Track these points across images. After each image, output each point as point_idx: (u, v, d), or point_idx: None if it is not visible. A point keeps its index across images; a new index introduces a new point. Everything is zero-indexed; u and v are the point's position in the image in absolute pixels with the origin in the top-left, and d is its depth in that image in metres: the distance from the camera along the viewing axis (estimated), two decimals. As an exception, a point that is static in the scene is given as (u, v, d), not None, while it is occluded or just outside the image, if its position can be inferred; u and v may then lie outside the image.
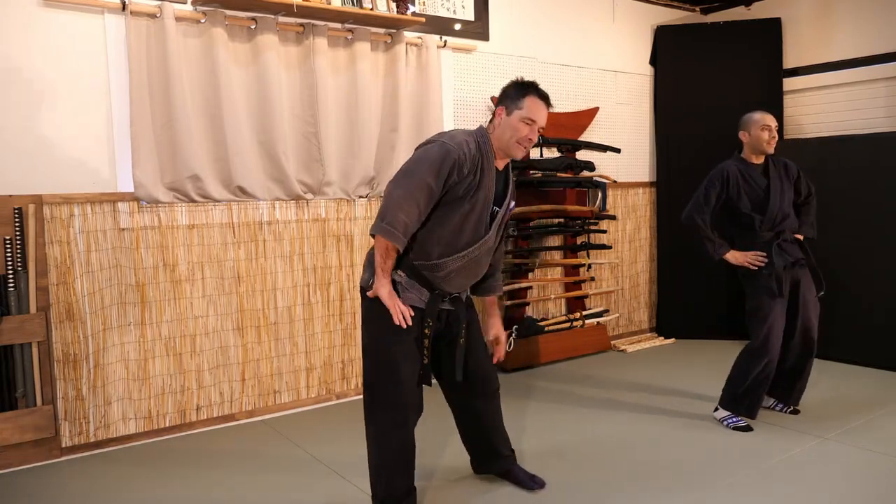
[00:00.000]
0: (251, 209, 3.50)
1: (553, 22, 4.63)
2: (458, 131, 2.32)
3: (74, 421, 3.06)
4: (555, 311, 4.77)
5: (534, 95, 2.28)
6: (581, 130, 4.74)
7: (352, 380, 3.87)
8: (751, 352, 3.20)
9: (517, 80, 2.35)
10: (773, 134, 3.23)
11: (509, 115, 2.28)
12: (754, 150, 3.28)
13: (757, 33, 5.02)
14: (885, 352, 4.20)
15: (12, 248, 2.89)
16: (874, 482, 2.65)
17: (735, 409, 3.25)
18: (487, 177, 2.27)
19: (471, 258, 2.31)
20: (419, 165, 2.18)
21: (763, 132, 3.22)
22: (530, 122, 2.26)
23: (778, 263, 3.16)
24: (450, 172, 2.17)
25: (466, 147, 2.22)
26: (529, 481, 2.63)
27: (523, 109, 2.26)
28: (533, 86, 2.30)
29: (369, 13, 3.53)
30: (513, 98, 2.29)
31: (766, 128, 3.22)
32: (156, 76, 3.16)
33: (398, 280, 2.31)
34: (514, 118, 2.27)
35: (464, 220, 2.26)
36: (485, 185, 2.27)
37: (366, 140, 3.73)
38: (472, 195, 2.24)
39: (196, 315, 3.37)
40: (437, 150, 2.19)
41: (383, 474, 2.37)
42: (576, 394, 3.85)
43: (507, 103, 2.30)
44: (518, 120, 2.26)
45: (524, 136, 2.27)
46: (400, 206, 2.14)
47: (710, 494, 2.58)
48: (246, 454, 3.07)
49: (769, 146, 3.24)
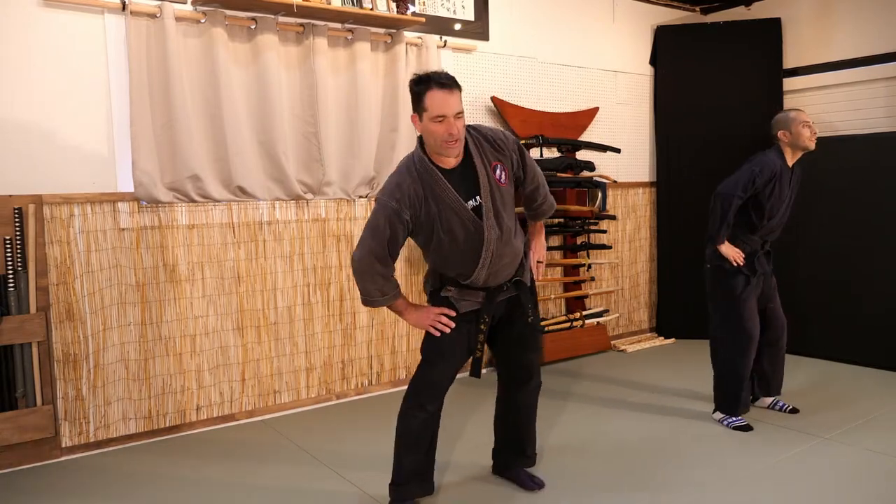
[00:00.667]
0: (251, 209, 3.50)
1: (553, 22, 4.63)
2: (394, 174, 2.28)
3: (74, 421, 3.06)
4: (555, 311, 4.77)
5: (432, 89, 2.13)
6: (581, 130, 4.74)
7: (352, 380, 3.87)
8: (738, 347, 3.21)
9: (414, 77, 2.20)
10: (814, 130, 3.17)
11: (421, 120, 2.18)
12: (796, 148, 3.18)
13: (757, 33, 5.02)
14: (885, 352, 4.19)
15: (12, 248, 2.89)
16: (874, 482, 2.65)
17: (733, 409, 3.25)
18: (441, 196, 2.22)
19: (491, 260, 2.30)
20: (365, 232, 2.28)
21: (805, 129, 3.14)
22: (441, 119, 2.12)
23: (758, 271, 3.22)
24: (390, 227, 2.21)
25: (398, 192, 2.20)
26: (529, 481, 2.63)
27: (429, 109, 2.13)
28: (427, 78, 2.15)
29: (369, 13, 3.53)
30: (416, 100, 2.18)
31: (807, 124, 3.15)
32: (156, 76, 3.16)
33: (450, 296, 2.37)
34: (426, 122, 2.16)
35: (452, 243, 2.28)
36: (444, 206, 2.22)
37: (366, 140, 3.73)
38: (440, 223, 2.23)
39: (196, 315, 3.37)
40: (374, 211, 2.26)
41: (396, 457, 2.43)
42: (576, 394, 3.85)
43: (416, 108, 2.20)
44: (429, 121, 2.14)
45: (445, 134, 2.14)
46: (363, 279, 2.29)
47: (709, 494, 2.58)
48: (246, 454, 3.07)
49: (811, 142, 3.17)
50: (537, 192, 2.51)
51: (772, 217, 3.20)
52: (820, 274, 4.49)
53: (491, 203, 2.26)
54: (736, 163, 5.01)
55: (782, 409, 3.43)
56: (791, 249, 4.50)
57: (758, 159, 3.19)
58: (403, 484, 2.42)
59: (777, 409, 3.44)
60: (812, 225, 4.49)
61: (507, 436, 2.68)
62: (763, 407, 3.48)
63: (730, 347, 3.24)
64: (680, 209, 5.15)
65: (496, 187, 2.29)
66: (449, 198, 2.22)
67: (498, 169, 2.30)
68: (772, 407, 3.46)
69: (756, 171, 3.13)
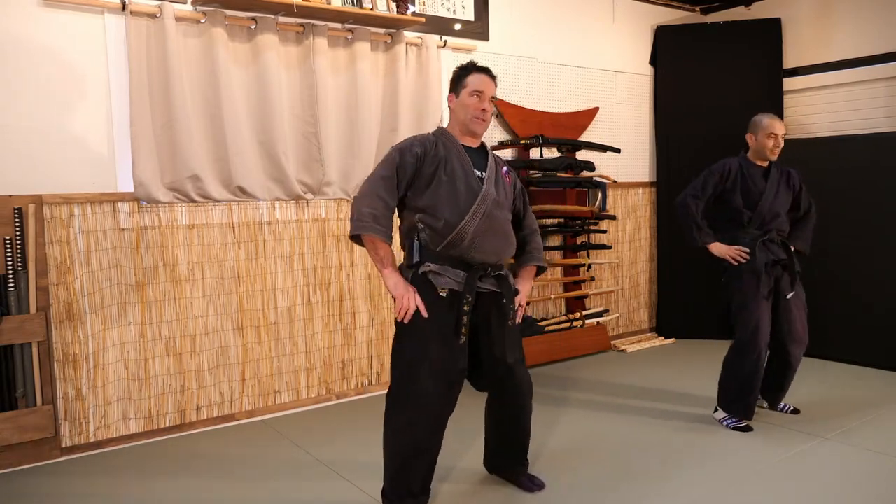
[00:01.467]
0: (251, 209, 3.50)
1: (553, 22, 4.63)
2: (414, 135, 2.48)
3: (74, 421, 3.06)
4: (555, 311, 4.77)
5: (474, 72, 2.42)
6: (581, 130, 4.74)
7: (352, 380, 3.87)
8: (739, 350, 3.20)
9: (459, 66, 2.49)
10: (777, 142, 3.23)
11: (458, 96, 2.43)
12: (758, 155, 3.29)
13: (757, 33, 5.02)
14: (885, 352, 4.20)
15: (12, 248, 2.89)
16: (874, 482, 2.65)
17: (732, 411, 3.25)
18: (454, 152, 2.38)
19: (480, 214, 2.30)
20: (375, 169, 2.36)
21: (768, 140, 3.22)
22: (478, 94, 2.38)
23: (760, 259, 3.16)
24: (401, 157, 2.31)
25: (417, 139, 2.39)
26: (529, 483, 2.63)
27: (469, 86, 2.40)
28: (472, 64, 2.46)
29: (369, 13, 3.53)
30: (457, 81, 2.45)
31: (773, 136, 3.22)
32: (156, 76, 3.16)
33: (428, 270, 2.31)
34: (463, 96, 2.41)
35: (450, 185, 2.33)
36: (453, 156, 2.37)
37: (366, 140, 3.73)
38: (444, 165, 2.35)
39: (196, 315, 3.37)
40: (388, 152, 2.38)
41: (387, 470, 2.39)
42: (576, 394, 3.85)
43: (454, 88, 2.46)
44: (467, 95, 2.40)
45: (477, 109, 2.39)
46: (361, 201, 2.28)
47: (709, 494, 2.58)
48: (246, 454, 3.07)
49: (772, 154, 3.25)
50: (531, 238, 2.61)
51: (753, 206, 3.21)
52: (820, 274, 4.49)
53: (493, 178, 2.42)
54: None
55: (784, 409, 3.43)
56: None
57: (713, 165, 3.34)
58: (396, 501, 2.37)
59: (778, 409, 3.44)
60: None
61: (500, 442, 2.67)
62: (763, 407, 3.48)
63: (735, 348, 3.24)
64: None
65: (500, 179, 2.46)
66: (460, 156, 2.39)
67: (504, 168, 2.54)
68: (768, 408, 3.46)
69: (706, 173, 3.31)
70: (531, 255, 2.60)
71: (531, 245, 2.61)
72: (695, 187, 3.30)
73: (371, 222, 2.23)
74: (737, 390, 3.21)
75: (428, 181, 2.33)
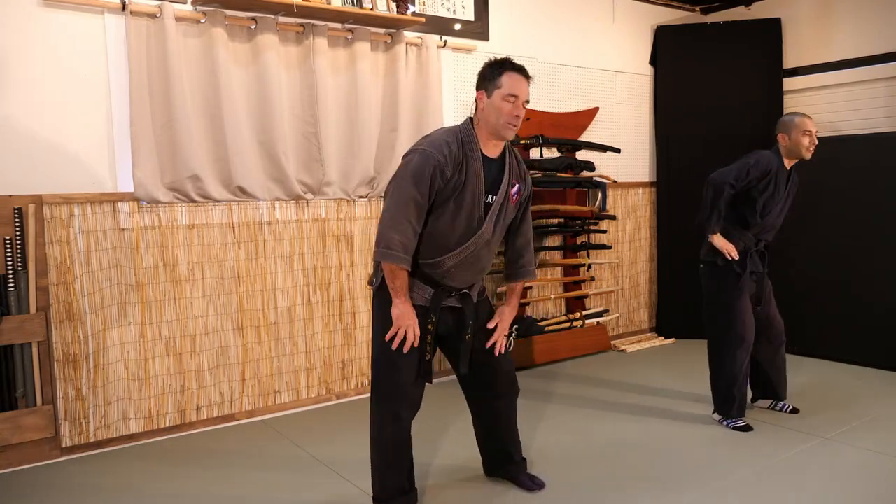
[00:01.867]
0: (251, 209, 3.50)
1: (553, 22, 4.63)
2: (439, 132, 2.31)
3: (74, 421, 3.06)
4: (555, 311, 4.77)
5: (510, 71, 2.23)
6: (581, 130, 4.75)
7: (352, 380, 3.87)
8: (729, 346, 3.19)
9: (490, 60, 2.29)
10: (813, 139, 3.13)
11: (490, 96, 2.24)
12: (791, 155, 3.18)
13: (757, 33, 5.02)
14: (885, 352, 4.20)
15: (12, 248, 2.89)
16: (874, 482, 2.65)
17: (728, 412, 3.25)
18: (473, 171, 2.25)
19: (467, 254, 2.30)
20: (402, 181, 2.20)
21: (804, 137, 3.11)
22: (513, 99, 2.22)
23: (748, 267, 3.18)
24: (432, 178, 2.18)
25: (447, 148, 2.20)
26: (529, 482, 2.63)
27: (503, 87, 2.21)
28: (507, 62, 2.25)
29: (369, 13, 3.53)
30: (490, 79, 2.25)
31: (808, 133, 3.11)
32: (156, 76, 3.16)
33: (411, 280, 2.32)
34: (495, 98, 2.23)
35: (453, 218, 2.25)
36: (471, 181, 2.25)
37: (366, 140, 3.73)
38: (458, 194, 2.24)
39: (196, 315, 3.37)
40: (417, 160, 2.20)
41: (377, 472, 2.39)
42: (576, 394, 3.85)
43: (485, 86, 2.26)
44: (500, 99, 2.22)
45: (511, 114, 2.22)
46: (392, 227, 2.17)
47: (709, 494, 2.58)
48: (246, 454, 3.07)
49: (808, 152, 3.15)
50: (524, 250, 2.52)
51: (765, 215, 3.19)
52: (820, 274, 4.49)
53: (498, 208, 2.33)
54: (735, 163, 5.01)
55: (783, 409, 3.43)
56: (791, 249, 4.51)
57: (756, 154, 3.18)
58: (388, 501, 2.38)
59: (777, 409, 3.45)
60: (812, 225, 4.49)
61: (493, 448, 2.67)
62: (763, 408, 3.48)
63: (720, 347, 3.24)
64: (680, 209, 5.14)
65: (507, 201, 2.36)
66: (477, 178, 2.26)
67: (515, 188, 2.39)
68: (772, 407, 3.46)
69: (751, 164, 3.13)
70: (524, 270, 2.52)
71: (525, 258, 2.52)
72: (737, 176, 3.12)
73: (401, 253, 2.18)
74: (732, 387, 3.22)
75: (438, 206, 2.24)
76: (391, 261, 2.18)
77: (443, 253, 2.28)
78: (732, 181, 3.12)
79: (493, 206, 2.31)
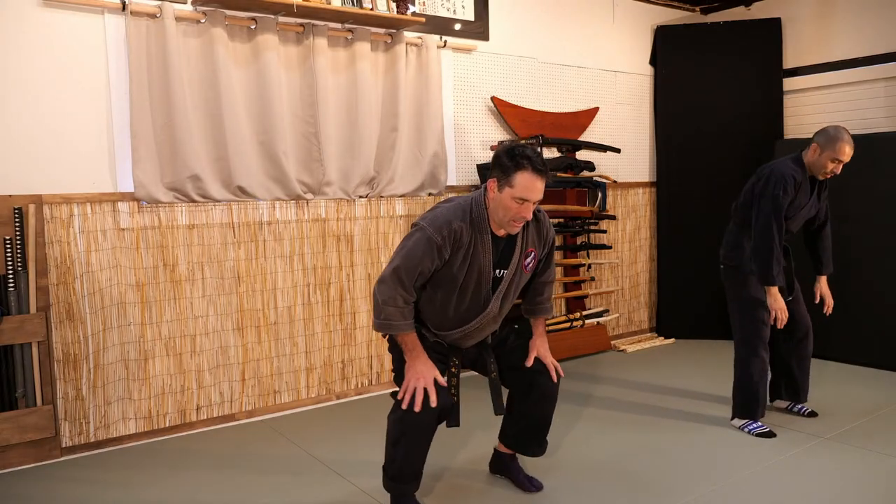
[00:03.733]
0: (251, 209, 3.50)
1: (553, 22, 4.64)
2: (447, 208, 2.25)
3: (74, 421, 3.06)
4: (555, 311, 4.77)
5: (526, 171, 2.11)
6: (581, 130, 4.75)
7: (352, 380, 3.87)
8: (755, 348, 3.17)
9: (510, 146, 2.18)
10: (837, 170, 3.05)
11: (500, 191, 2.15)
12: (812, 169, 3.11)
13: (757, 33, 5.02)
14: (885, 352, 4.19)
15: (12, 248, 2.89)
16: (874, 482, 2.65)
17: (752, 413, 3.21)
18: (480, 252, 2.23)
19: (472, 329, 2.34)
20: (399, 258, 2.20)
21: (831, 163, 3.02)
22: (522, 202, 2.13)
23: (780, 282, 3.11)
24: (430, 260, 2.18)
25: (447, 229, 2.17)
26: (527, 483, 2.63)
27: (515, 188, 2.11)
28: (525, 157, 2.12)
29: (369, 13, 3.53)
30: (504, 171, 2.14)
31: (837, 161, 3.01)
32: (156, 76, 3.16)
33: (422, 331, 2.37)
34: (504, 196, 2.14)
35: (458, 295, 2.27)
36: (477, 260, 2.24)
37: (366, 140, 3.73)
38: (464, 273, 2.23)
39: (196, 315, 3.37)
40: (416, 237, 2.19)
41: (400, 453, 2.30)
42: (575, 394, 3.85)
43: (498, 176, 2.16)
44: (509, 199, 2.13)
45: (518, 215, 2.16)
46: (385, 301, 2.20)
47: (710, 494, 2.58)
48: (246, 454, 3.07)
49: (823, 176, 3.10)
50: (545, 288, 2.54)
51: (789, 218, 3.11)
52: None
53: (508, 283, 2.32)
54: (735, 163, 5.05)
55: (801, 412, 3.39)
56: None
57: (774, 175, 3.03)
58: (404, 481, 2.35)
59: (795, 412, 3.40)
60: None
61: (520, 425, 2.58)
62: (780, 409, 3.45)
63: (743, 348, 3.21)
64: (680, 209, 5.15)
65: (519, 271, 2.35)
66: (484, 261, 2.25)
67: (530, 256, 2.36)
68: (789, 409, 3.42)
69: (776, 192, 3.00)
70: (542, 308, 2.55)
71: (544, 295, 2.54)
72: (777, 215, 3.00)
73: (400, 321, 2.21)
74: (756, 391, 3.18)
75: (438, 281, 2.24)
76: (392, 331, 2.23)
77: (448, 328, 2.33)
78: (777, 223, 3.00)
79: (503, 283, 2.30)
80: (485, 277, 2.27)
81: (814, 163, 3.08)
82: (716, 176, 5.04)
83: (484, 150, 4.33)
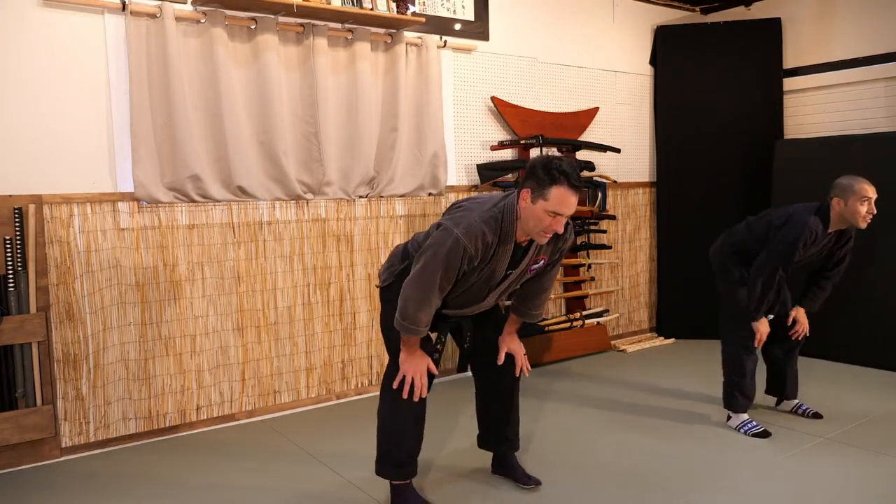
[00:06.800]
0: (251, 209, 3.50)
1: (553, 22, 4.63)
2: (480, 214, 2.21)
3: (74, 421, 3.06)
4: (555, 311, 4.77)
5: (562, 185, 2.12)
6: (581, 130, 4.75)
7: (352, 380, 3.87)
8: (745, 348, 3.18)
9: (546, 159, 2.18)
10: (871, 208, 2.90)
11: (534, 202, 2.15)
12: (841, 221, 2.97)
13: (757, 33, 5.02)
14: (885, 352, 4.19)
15: (12, 248, 2.89)
16: (874, 482, 2.65)
17: (734, 405, 3.22)
18: (502, 256, 2.27)
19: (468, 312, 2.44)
20: (433, 264, 2.18)
21: (862, 206, 2.88)
22: (555, 216, 2.15)
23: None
24: (460, 265, 2.19)
25: (480, 241, 2.17)
26: (526, 478, 2.64)
27: (549, 202, 2.13)
28: (562, 172, 2.12)
29: (369, 13, 3.53)
30: (540, 183, 2.15)
31: (867, 201, 2.89)
32: (156, 76, 3.16)
33: None
34: (538, 208, 2.15)
35: (467, 287, 2.32)
36: (498, 262, 2.28)
37: (366, 140, 3.73)
38: (482, 272, 2.28)
39: (196, 315, 3.37)
40: (451, 246, 2.16)
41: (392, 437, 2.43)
42: (576, 394, 3.85)
43: (532, 187, 2.16)
44: (542, 211, 2.14)
45: (549, 228, 2.18)
46: (418, 307, 2.22)
47: (709, 494, 2.58)
48: (246, 454, 3.07)
49: (864, 222, 2.92)
50: (540, 295, 2.54)
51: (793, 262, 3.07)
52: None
53: (510, 282, 2.38)
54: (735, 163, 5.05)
55: (805, 413, 3.38)
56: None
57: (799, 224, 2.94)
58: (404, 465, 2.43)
59: (800, 413, 3.39)
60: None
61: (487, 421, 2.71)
62: (786, 411, 3.44)
63: (733, 343, 3.22)
64: (680, 209, 5.15)
65: (523, 274, 2.39)
66: (500, 266, 2.30)
67: (540, 263, 2.40)
68: (794, 411, 3.41)
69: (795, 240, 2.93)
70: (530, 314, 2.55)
71: (535, 302, 2.53)
72: (787, 263, 2.97)
73: (424, 327, 2.27)
74: (740, 385, 3.20)
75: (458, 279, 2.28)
76: (416, 335, 2.28)
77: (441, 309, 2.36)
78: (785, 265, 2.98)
79: (506, 280, 2.35)
80: (495, 279, 2.34)
81: (844, 214, 2.95)
82: (716, 176, 5.04)
83: (484, 151, 4.33)
